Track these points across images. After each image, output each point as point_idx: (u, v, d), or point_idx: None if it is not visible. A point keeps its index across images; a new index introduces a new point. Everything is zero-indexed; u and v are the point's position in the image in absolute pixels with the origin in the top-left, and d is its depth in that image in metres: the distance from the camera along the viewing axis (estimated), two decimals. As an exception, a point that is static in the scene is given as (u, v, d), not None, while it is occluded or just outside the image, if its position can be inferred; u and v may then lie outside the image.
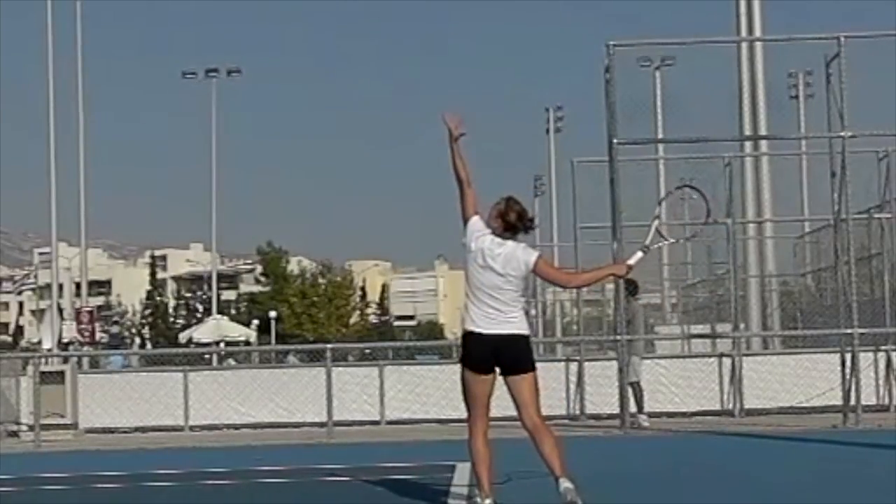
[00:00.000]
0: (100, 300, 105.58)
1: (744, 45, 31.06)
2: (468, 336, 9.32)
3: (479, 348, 9.26)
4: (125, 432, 21.62)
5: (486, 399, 9.35)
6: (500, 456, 9.57)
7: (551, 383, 21.91)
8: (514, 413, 9.41)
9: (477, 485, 9.44)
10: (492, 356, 9.25)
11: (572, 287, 10.13)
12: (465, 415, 9.52)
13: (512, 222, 9.35)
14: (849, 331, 18.48)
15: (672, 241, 10.31)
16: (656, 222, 9.86)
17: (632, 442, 17.30)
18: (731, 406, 21.34)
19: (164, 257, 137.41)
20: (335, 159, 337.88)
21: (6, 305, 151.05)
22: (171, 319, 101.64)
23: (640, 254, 9.67)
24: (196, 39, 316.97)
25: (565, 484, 8.96)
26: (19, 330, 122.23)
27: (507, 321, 9.26)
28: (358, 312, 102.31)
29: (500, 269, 9.25)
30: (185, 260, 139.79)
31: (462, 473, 11.60)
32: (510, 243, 9.34)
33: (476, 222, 9.43)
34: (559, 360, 23.53)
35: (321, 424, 19.60)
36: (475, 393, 9.33)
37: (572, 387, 21.87)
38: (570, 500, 8.87)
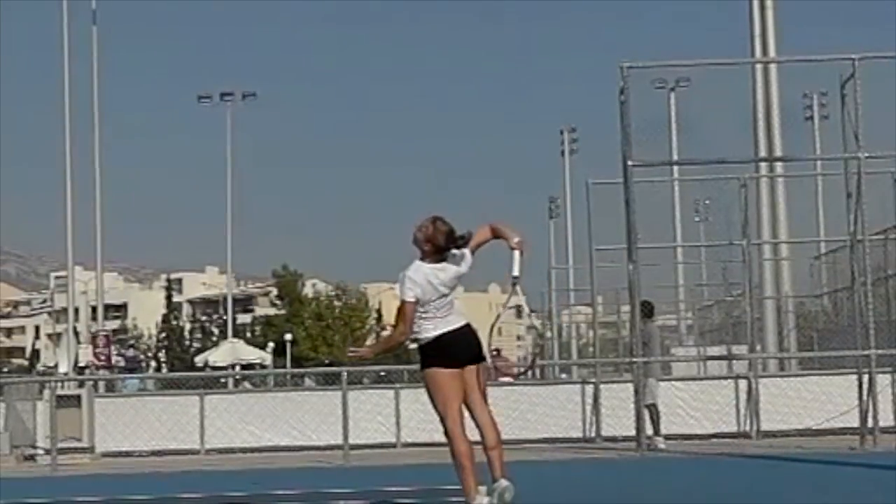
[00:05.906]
0: (115, 324, 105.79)
1: (758, 67, 31.07)
2: (442, 337, 9.44)
3: (457, 342, 9.45)
4: (141, 456, 21.62)
5: (462, 394, 9.45)
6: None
7: (567, 405, 21.93)
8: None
9: (465, 491, 9.49)
10: (467, 345, 9.47)
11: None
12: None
13: (441, 245, 9.44)
14: (866, 352, 18.42)
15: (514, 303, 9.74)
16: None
17: (648, 464, 17.23)
18: (747, 428, 21.27)
19: (179, 280, 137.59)
20: (349, 182, 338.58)
21: (23, 329, 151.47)
22: (187, 342, 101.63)
23: (518, 289, 9.59)
24: (211, 63, 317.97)
25: (504, 483, 9.33)
26: (35, 354, 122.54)
27: (461, 318, 9.54)
28: (374, 335, 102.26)
29: (447, 290, 9.49)
30: (201, 283, 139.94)
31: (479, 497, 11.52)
32: (443, 265, 9.48)
33: (415, 270, 9.49)
34: (575, 383, 23.47)
35: (337, 447, 19.57)
36: (453, 392, 9.40)
37: (588, 409, 21.81)
38: (507, 498, 9.26)
